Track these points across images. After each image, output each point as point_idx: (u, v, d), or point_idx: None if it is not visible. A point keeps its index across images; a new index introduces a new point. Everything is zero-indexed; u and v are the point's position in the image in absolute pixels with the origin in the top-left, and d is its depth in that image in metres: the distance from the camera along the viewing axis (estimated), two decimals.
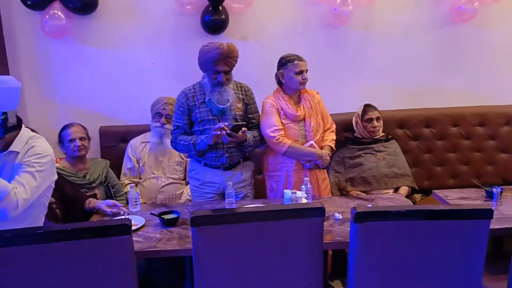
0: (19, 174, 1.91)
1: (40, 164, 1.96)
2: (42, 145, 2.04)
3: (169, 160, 3.17)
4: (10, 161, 1.97)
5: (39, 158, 1.97)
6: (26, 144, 2.00)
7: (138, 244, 2.22)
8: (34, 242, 1.46)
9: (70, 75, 3.38)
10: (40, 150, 2.00)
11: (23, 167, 1.93)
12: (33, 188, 1.91)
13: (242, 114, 2.80)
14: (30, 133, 2.08)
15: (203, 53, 2.65)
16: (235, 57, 2.67)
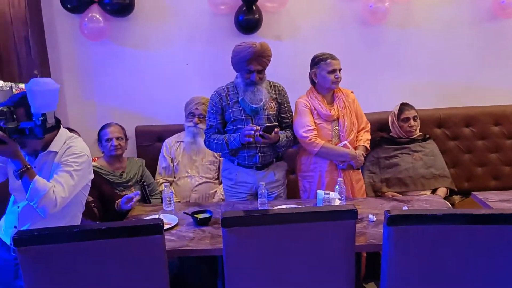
0: (57, 173, 1.98)
1: (77, 163, 2.02)
2: (79, 145, 2.10)
3: (203, 159, 3.20)
4: (50, 161, 2.04)
5: (76, 158, 2.03)
6: (64, 144, 2.07)
7: (171, 242, 2.25)
8: (70, 240, 1.51)
9: (108, 76, 3.47)
10: (77, 150, 2.06)
11: (61, 167, 1.99)
12: (70, 186, 1.98)
13: (275, 113, 2.79)
14: (68, 133, 2.15)
15: (236, 53, 2.66)
16: (268, 56, 2.66)
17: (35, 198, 1.88)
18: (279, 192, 2.88)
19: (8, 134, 1.83)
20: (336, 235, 1.62)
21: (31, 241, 1.49)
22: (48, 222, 1.94)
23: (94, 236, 1.52)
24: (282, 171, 2.91)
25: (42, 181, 1.91)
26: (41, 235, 1.50)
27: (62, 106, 3.50)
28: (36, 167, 2.02)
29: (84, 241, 1.51)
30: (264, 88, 2.74)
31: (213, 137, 2.77)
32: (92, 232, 1.52)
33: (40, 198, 1.87)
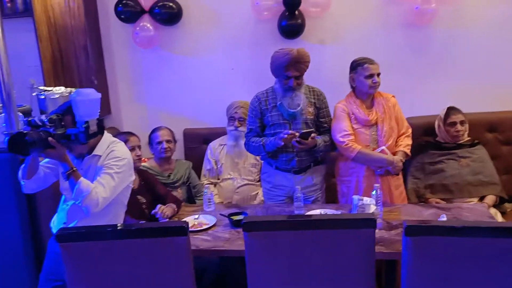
0: (100, 175, 2.15)
1: (118, 166, 2.18)
2: (120, 150, 2.26)
3: (245, 162, 3.30)
4: (94, 164, 2.22)
5: (117, 161, 2.19)
6: (107, 149, 2.24)
7: (206, 242, 2.37)
8: (104, 239, 1.66)
9: (158, 81, 3.66)
10: (119, 154, 2.22)
11: (103, 169, 2.16)
12: (111, 188, 2.14)
13: (313, 118, 2.82)
14: (111, 138, 2.32)
15: (274, 59, 2.72)
16: (305, 62, 2.70)
17: (79, 197, 2.05)
18: (316, 196, 2.91)
19: (57, 139, 2.02)
20: (355, 244, 1.64)
21: (71, 238, 1.65)
22: (92, 220, 2.12)
23: (125, 236, 1.65)
24: (320, 176, 2.94)
25: (86, 182, 2.08)
26: (79, 232, 1.66)
27: (116, 109, 3.74)
28: (82, 169, 2.20)
29: (116, 239, 1.65)
30: (303, 93, 2.78)
31: (252, 140, 2.85)
32: (123, 232, 1.66)
33: (84, 197, 2.04)
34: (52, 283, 2.27)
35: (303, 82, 2.79)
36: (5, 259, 2.66)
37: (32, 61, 3.66)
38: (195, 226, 2.55)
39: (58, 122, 2.04)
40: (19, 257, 2.65)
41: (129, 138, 2.79)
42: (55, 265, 2.25)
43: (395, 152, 2.79)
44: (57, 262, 2.23)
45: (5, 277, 2.69)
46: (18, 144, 1.93)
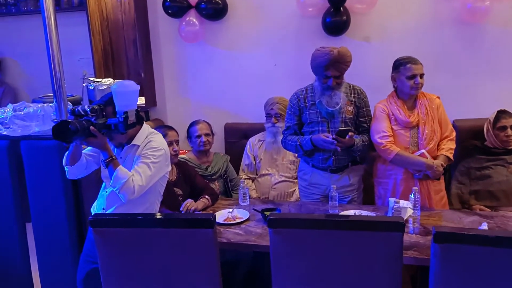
0: (137, 164, 2.23)
1: (155, 156, 2.26)
2: (158, 140, 2.33)
3: (283, 158, 3.30)
4: (132, 153, 2.30)
5: (154, 151, 2.26)
6: (146, 139, 2.31)
7: (238, 236, 2.40)
8: (135, 226, 1.72)
9: (202, 75, 3.72)
10: (156, 145, 2.29)
11: (141, 159, 2.24)
12: (148, 176, 2.21)
13: (352, 117, 2.78)
14: (150, 129, 2.40)
15: (314, 58, 2.70)
16: (346, 62, 2.66)
17: (117, 184, 2.13)
18: (353, 197, 2.87)
19: (98, 128, 2.11)
20: (381, 247, 1.61)
21: (104, 224, 1.73)
22: (129, 207, 2.20)
23: (154, 224, 1.71)
24: (357, 176, 2.89)
25: (123, 170, 2.15)
26: (111, 219, 1.73)
27: (162, 102, 3.85)
28: (121, 158, 2.29)
29: (146, 227, 1.71)
30: (342, 92, 2.74)
31: (288, 138, 2.85)
32: (152, 220, 1.72)
33: (121, 185, 2.11)
34: (90, 264, 2.38)
35: (343, 81, 2.75)
36: (52, 240, 2.82)
37: (84, 53, 3.85)
38: (229, 219, 2.59)
39: (99, 112, 2.13)
40: (65, 239, 2.80)
41: (167, 132, 2.86)
42: (93, 247, 2.36)
43: (436, 156, 2.69)
44: (94, 245, 2.35)
45: (51, 258, 2.85)
46: (62, 132, 2.02)
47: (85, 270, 2.41)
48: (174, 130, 2.94)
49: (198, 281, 1.75)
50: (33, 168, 2.80)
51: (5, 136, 2.78)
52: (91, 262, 2.37)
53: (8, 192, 2.86)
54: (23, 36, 4.00)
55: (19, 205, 2.89)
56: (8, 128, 2.73)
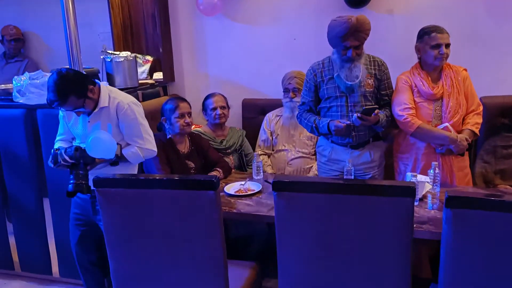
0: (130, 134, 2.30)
1: (137, 112, 2.31)
2: (122, 98, 2.32)
3: (300, 134, 3.21)
4: (104, 116, 2.28)
5: (130, 111, 2.29)
6: (110, 99, 2.29)
7: (248, 207, 2.35)
8: (137, 187, 1.69)
9: (220, 49, 3.66)
10: (125, 104, 2.29)
11: (124, 126, 2.29)
12: (146, 131, 2.33)
13: (373, 90, 2.66)
14: (108, 87, 2.37)
15: (331, 28, 2.59)
16: (366, 30, 2.54)
17: (138, 160, 2.32)
18: (374, 174, 2.76)
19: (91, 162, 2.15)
20: (390, 213, 1.52)
21: (106, 184, 1.70)
22: None
23: (157, 185, 1.67)
24: (379, 152, 2.78)
25: (130, 152, 2.26)
26: (114, 179, 1.70)
27: (180, 77, 3.81)
28: (89, 121, 2.30)
29: (148, 188, 1.67)
30: (362, 64, 2.62)
31: (304, 116, 2.77)
32: (155, 181, 1.68)
33: (141, 158, 2.30)
34: (80, 228, 2.45)
35: (363, 52, 2.63)
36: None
37: (104, 27, 3.83)
38: (241, 191, 2.54)
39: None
40: None
41: (179, 104, 2.81)
42: (82, 211, 2.41)
43: (461, 130, 2.56)
44: (83, 208, 2.38)
45: (68, 234, 2.86)
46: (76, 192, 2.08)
47: (76, 235, 2.46)
48: (186, 101, 2.89)
49: (201, 245, 1.71)
50: (49, 139, 2.78)
51: (21, 104, 2.79)
52: (80, 225, 2.44)
53: (25, 164, 2.86)
54: (45, 9, 4.01)
55: (35, 179, 2.89)
56: (24, 96, 2.74)
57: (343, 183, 1.54)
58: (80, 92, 2.16)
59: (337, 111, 2.66)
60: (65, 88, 2.11)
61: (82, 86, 2.17)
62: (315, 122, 2.69)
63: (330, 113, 2.69)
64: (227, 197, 2.50)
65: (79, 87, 2.16)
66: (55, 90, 2.10)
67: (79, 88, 2.16)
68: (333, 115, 2.67)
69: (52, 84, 2.11)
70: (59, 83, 2.10)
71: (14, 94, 2.77)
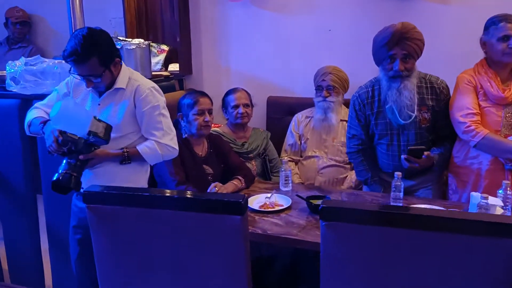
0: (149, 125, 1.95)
1: (159, 100, 1.97)
2: (144, 82, 1.99)
3: (334, 139, 2.79)
4: (118, 98, 1.93)
5: (153, 97, 1.95)
6: (130, 81, 1.94)
7: (277, 227, 1.94)
8: (140, 205, 1.29)
9: (245, 41, 3.25)
10: (146, 89, 1.94)
11: (145, 115, 1.93)
12: (169, 126, 1.99)
13: (429, 126, 2.28)
14: (126, 68, 2.00)
15: (374, 41, 2.23)
16: (414, 39, 2.14)
17: (156, 159, 1.98)
18: (428, 188, 2.37)
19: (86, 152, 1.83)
20: (484, 257, 1.09)
21: (99, 199, 1.31)
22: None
23: (164, 205, 1.27)
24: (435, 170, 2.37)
25: (145, 149, 1.93)
26: (109, 193, 1.30)
27: (198, 70, 3.42)
28: (99, 104, 1.95)
29: (154, 208, 1.27)
30: (414, 85, 2.21)
31: (355, 157, 2.45)
32: (162, 199, 1.28)
33: (159, 157, 1.97)
34: (80, 243, 2.11)
35: (414, 69, 2.22)
36: (63, 215, 2.47)
37: (116, 12, 3.47)
38: (266, 206, 2.13)
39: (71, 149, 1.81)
40: None
41: (199, 99, 2.41)
42: (79, 223, 2.07)
43: None
44: (81, 219, 2.04)
45: (61, 234, 2.50)
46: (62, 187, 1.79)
47: (76, 250, 2.11)
48: (207, 97, 2.48)
49: (221, 284, 1.30)
50: None
51: (15, 94, 2.42)
52: (79, 240, 2.08)
53: (18, 160, 2.52)
54: None
55: (30, 175, 2.56)
56: (18, 84, 2.37)
57: (422, 215, 1.12)
58: (105, 58, 1.82)
59: (387, 151, 2.32)
60: (93, 45, 1.78)
61: (110, 53, 1.86)
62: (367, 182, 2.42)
63: (379, 150, 2.38)
64: (249, 213, 2.09)
65: (107, 53, 1.84)
66: (80, 43, 1.76)
67: (106, 54, 1.84)
68: (382, 153, 2.34)
69: (79, 35, 1.78)
70: (87, 37, 1.78)
71: (8, 82, 2.41)
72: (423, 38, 2.17)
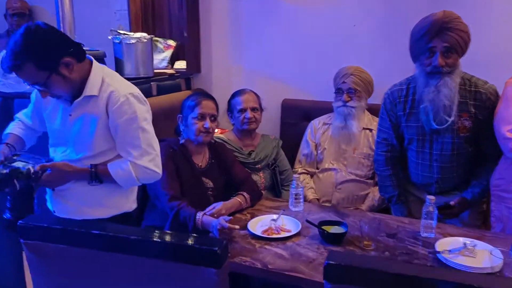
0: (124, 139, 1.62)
1: (137, 110, 1.61)
2: (119, 87, 1.61)
3: (355, 150, 2.44)
4: (91, 108, 1.60)
5: (129, 106, 1.59)
6: (103, 85, 1.60)
7: (280, 260, 1.61)
8: (88, 246, 0.98)
9: (259, 36, 2.92)
10: (121, 95, 1.58)
11: (119, 127, 1.60)
12: (150, 143, 1.63)
13: (468, 136, 1.95)
14: (99, 67, 1.63)
15: (412, 32, 1.92)
16: (458, 30, 1.82)
17: (130, 183, 1.65)
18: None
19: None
20: None
21: (38, 235, 1.00)
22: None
23: (120, 248, 0.95)
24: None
25: (116, 170, 1.61)
26: (51, 229, 1.00)
27: (207, 68, 3.11)
28: (71, 115, 1.62)
29: (107, 251, 0.97)
30: (456, 84, 1.88)
31: (383, 168, 2.16)
32: (117, 241, 0.96)
33: (133, 181, 1.62)
34: None
35: (457, 65, 1.89)
36: None
37: (121, 4, 3.20)
38: (270, 231, 1.80)
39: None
40: None
41: (201, 101, 2.09)
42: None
43: None
44: None
45: None
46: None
47: None
48: (212, 100, 2.15)
49: None
50: None
51: None
52: None
53: None
54: None
55: None
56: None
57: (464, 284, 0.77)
58: (44, 60, 1.48)
59: (416, 158, 2.04)
60: (25, 49, 1.44)
61: (50, 53, 1.49)
62: (392, 200, 2.16)
63: (409, 157, 2.10)
64: (250, 239, 1.77)
65: (45, 54, 1.48)
66: (12, 49, 1.45)
67: (45, 55, 1.48)
68: (412, 161, 2.09)
69: (12, 38, 1.47)
70: (20, 41, 1.44)
71: None
72: (468, 31, 1.85)
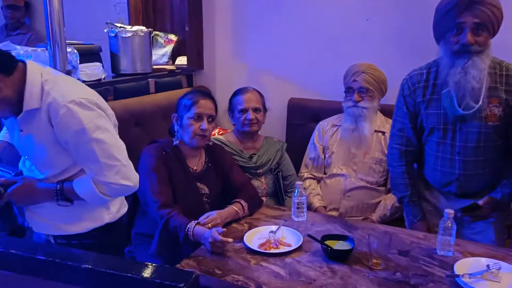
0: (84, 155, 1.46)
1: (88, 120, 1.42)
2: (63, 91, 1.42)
3: (366, 154, 2.24)
4: (37, 120, 1.42)
5: (80, 119, 1.39)
6: (44, 95, 1.40)
7: (277, 280, 1.42)
8: (30, 273, 0.80)
9: (264, 32, 2.75)
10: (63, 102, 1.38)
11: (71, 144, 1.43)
12: (112, 154, 1.45)
13: (498, 125, 1.72)
14: (37, 70, 1.42)
15: (437, 9, 1.72)
16: (490, 5, 1.62)
17: (98, 200, 1.50)
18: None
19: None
20: None
21: None
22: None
23: (62, 276, 0.78)
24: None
25: (83, 188, 1.47)
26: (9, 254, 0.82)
27: (210, 65, 2.94)
28: (22, 130, 1.46)
29: (35, 275, 0.79)
30: (485, 66, 1.66)
31: (396, 163, 1.94)
32: (69, 270, 0.78)
33: (100, 198, 1.47)
34: None
35: (487, 45, 1.67)
36: None
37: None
38: (268, 245, 1.62)
39: None
40: None
41: (199, 99, 1.91)
42: None
43: None
44: None
45: None
46: None
47: None
48: (210, 99, 1.97)
49: None
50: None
51: None
52: None
53: None
54: None
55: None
56: None
57: None
58: None
59: (436, 152, 1.83)
60: None
61: None
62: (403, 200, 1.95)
63: (427, 150, 1.87)
64: (246, 253, 1.58)
65: None
66: None
67: None
68: (430, 155, 1.86)
69: None
70: None
71: None
72: (501, 8, 1.64)
